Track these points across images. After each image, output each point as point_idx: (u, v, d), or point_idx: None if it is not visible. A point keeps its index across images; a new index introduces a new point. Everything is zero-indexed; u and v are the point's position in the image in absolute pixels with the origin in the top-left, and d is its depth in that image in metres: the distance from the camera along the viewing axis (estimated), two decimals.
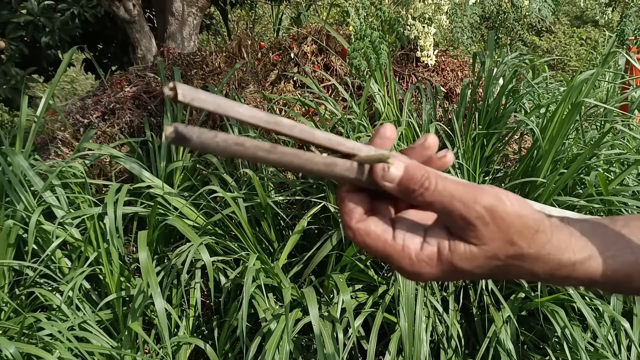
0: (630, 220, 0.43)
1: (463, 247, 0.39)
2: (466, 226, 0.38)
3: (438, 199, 0.38)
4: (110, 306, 2.02)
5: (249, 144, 0.34)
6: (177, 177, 2.42)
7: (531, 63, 2.96)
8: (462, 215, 0.38)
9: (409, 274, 0.40)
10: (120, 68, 4.62)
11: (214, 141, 0.33)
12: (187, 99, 0.32)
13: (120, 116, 2.76)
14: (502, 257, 0.39)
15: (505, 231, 0.38)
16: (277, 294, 2.05)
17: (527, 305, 1.92)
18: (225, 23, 5.47)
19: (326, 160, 0.38)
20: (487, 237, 0.38)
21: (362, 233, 0.40)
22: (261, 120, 0.36)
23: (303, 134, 0.38)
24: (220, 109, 0.34)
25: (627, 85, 3.13)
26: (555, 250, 0.39)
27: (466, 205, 0.38)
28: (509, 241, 0.38)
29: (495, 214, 0.38)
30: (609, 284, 0.41)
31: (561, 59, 5.98)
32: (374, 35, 1.62)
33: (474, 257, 0.39)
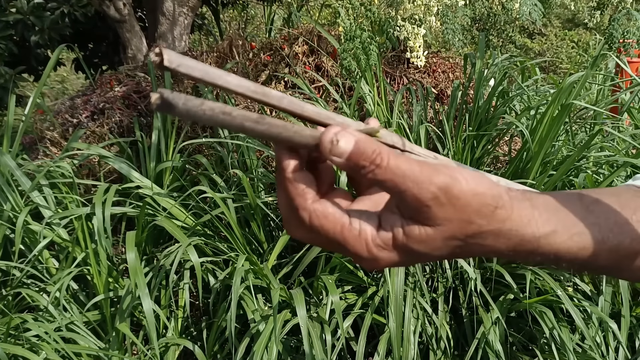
0: (600, 197, 0.41)
1: (418, 230, 0.37)
2: (420, 208, 0.36)
3: (389, 178, 0.36)
4: (98, 307, 2.01)
5: (236, 114, 0.33)
6: (166, 177, 2.41)
7: (522, 65, 2.97)
8: (415, 197, 0.36)
9: (366, 260, 0.39)
10: (111, 67, 4.60)
11: (201, 109, 0.32)
12: (174, 65, 0.32)
13: (110, 116, 2.74)
14: (461, 237, 0.37)
15: (461, 211, 0.36)
16: (266, 295, 2.04)
17: (515, 307, 1.92)
18: (217, 23, 5.46)
19: (315, 133, 0.37)
20: (442, 217, 0.36)
21: (320, 214, 0.38)
22: (248, 89, 0.35)
23: (292, 105, 0.37)
24: (208, 77, 0.33)
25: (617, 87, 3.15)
26: (517, 226, 0.37)
27: (419, 186, 0.35)
28: (466, 220, 0.36)
29: (450, 194, 0.36)
30: (575, 262, 0.39)
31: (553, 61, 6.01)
32: (364, 36, 1.62)
33: (431, 239, 0.37)
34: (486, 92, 2.48)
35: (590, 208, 0.39)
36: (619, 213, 0.40)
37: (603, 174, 2.22)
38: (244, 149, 2.31)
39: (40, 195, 2.02)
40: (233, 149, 2.38)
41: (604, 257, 0.39)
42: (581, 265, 0.40)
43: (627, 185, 0.45)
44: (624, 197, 0.42)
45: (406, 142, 0.43)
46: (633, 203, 0.41)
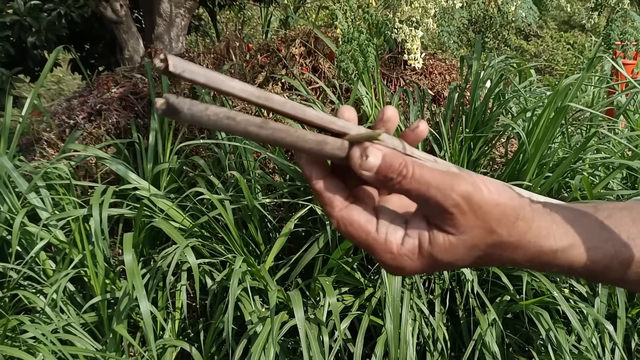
0: (614, 211, 0.42)
1: (442, 238, 0.38)
2: (443, 215, 0.38)
3: (415, 187, 0.38)
4: (95, 309, 2.01)
5: (240, 119, 0.34)
6: (163, 178, 2.40)
7: (518, 67, 2.98)
8: (438, 203, 0.37)
9: (391, 268, 0.40)
10: (107, 69, 4.59)
11: (205, 114, 0.32)
12: (178, 70, 0.32)
13: (107, 117, 2.74)
14: (482, 247, 0.39)
15: (482, 219, 0.37)
16: (263, 297, 2.04)
17: (512, 308, 1.93)
18: (213, 24, 5.46)
19: (317, 138, 0.37)
20: (464, 225, 0.38)
21: (346, 222, 0.40)
22: (252, 94, 0.35)
23: (294, 110, 0.38)
24: (212, 82, 0.34)
25: (613, 90, 3.16)
26: (536, 238, 0.39)
27: (443, 193, 0.37)
28: (488, 229, 0.38)
29: (472, 202, 0.37)
30: (588, 273, 0.41)
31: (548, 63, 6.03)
32: (362, 38, 1.62)
33: (454, 248, 0.38)
34: (482, 93, 2.49)
35: (604, 223, 0.41)
36: (631, 227, 0.41)
37: (599, 176, 2.23)
38: (241, 150, 2.31)
39: (38, 196, 2.02)
40: (230, 151, 2.38)
41: (615, 269, 0.40)
42: (594, 277, 0.41)
43: (637, 199, 0.46)
44: (635, 211, 0.43)
45: (406, 145, 0.43)
46: None
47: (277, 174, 2.64)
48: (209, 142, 2.35)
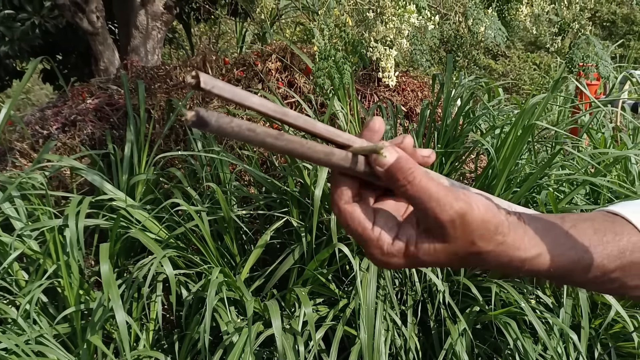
0: (578, 222, 0.48)
1: (428, 245, 0.44)
2: (437, 225, 0.43)
3: (417, 195, 0.42)
4: (67, 320, 1.99)
5: (259, 131, 0.38)
6: (139, 190, 2.41)
7: (487, 86, 3.08)
8: (436, 217, 0.42)
9: (378, 261, 0.45)
10: (80, 79, 4.56)
11: (230, 126, 0.36)
12: (208, 87, 0.36)
13: (82, 128, 2.74)
14: (462, 254, 0.44)
15: (468, 234, 0.43)
16: (238, 308, 2.06)
17: (481, 318, 1.99)
18: (188, 37, 5.48)
19: (325, 149, 0.42)
20: (452, 237, 0.43)
21: (347, 215, 0.44)
22: (270, 109, 0.39)
23: (306, 124, 0.42)
24: (237, 97, 0.37)
25: (577, 109, 3.29)
26: (509, 249, 0.44)
27: (441, 208, 0.42)
28: (470, 242, 0.43)
29: (464, 219, 0.42)
30: (552, 276, 0.46)
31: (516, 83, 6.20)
32: (338, 56, 1.68)
33: (437, 253, 0.44)
34: (453, 111, 2.57)
35: (569, 232, 0.46)
36: (592, 236, 0.47)
37: (564, 192, 2.32)
38: (217, 162, 2.33)
39: (12, 206, 2.01)
40: (207, 163, 2.40)
41: (578, 273, 0.46)
42: (558, 279, 0.47)
43: (599, 211, 0.52)
44: (597, 222, 0.49)
45: None
46: (603, 226, 0.48)
47: (252, 186, 2.67)
48: (186, 154, 2.37)
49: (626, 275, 0.47)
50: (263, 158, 2.78)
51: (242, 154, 2.63)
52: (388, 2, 1.60)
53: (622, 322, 1.91)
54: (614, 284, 0.47)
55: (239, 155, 2.66)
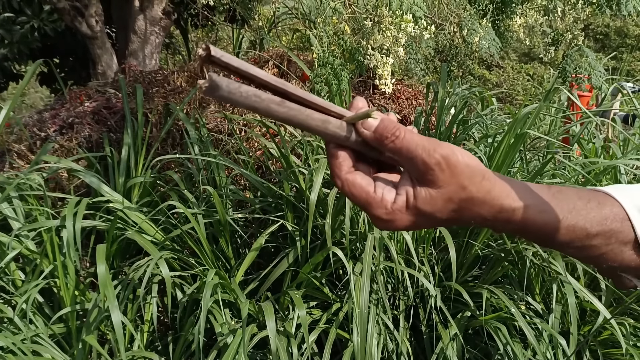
0: (563, 189, 0.52)
1: (424, 192, 0.47)
2: (426, 171, 0.46)
3: (405, 146, 0.46)
4: (62, 320, 2.01)
5: (264, 97, 0.41)
6: (135, 193, 2.43)
7: (480, 95, 3.13)
8: (423, 161, 0.46)
9: (384, 222, 0.48)
10: (77, 83, 4.58)
11: (238, 91, 0.39)
12: (218, 55, 0.39)
13: (79, 131, 2.76)
14: (456, 200, 0.47)
15: (457, 176, 0.46)
16: (233, 310, 2.08)
17: (472, 324, 2.02)
18: (185, 43, 5.51)
19: (322, 117, 0.45)
20: (443, 180, 0.47)
21: (350, 183, 0.48)
22: (272, 79, 0.43)
23: (304, 95, 0.46)
24: (243, 67, 0.41)
25: (569, 119, 3.34)
26: (498, 196, 0.48)
27: (427, 153, 0.46)
28: (461, 185, 0.47)
29: (449, 162, 0.46)
30: (539, 234, 0.49)
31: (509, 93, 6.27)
32: (336, 63, 1.71)
33: (433, 200, 0.47)
34: (447, 119, 2.61)
35: (555, 195, 0.50)
36: (576, 201, 0.50)
37: None
38: (213, 166, 2.36)
39: (10, 207, 2.03)
40: (203, 167, 2.43)
41: (563, 233, 0.49)
42: (544, 239, 0.49)
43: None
44: (582, 191, 0.52)
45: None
46: (587, 194, 0.51)
47: (247, 190, 2.70)
48: (183, 157, 2.40)
49: (607, 244, 0.49)
50: (259, 163, 2.81)
51: (239, 158, 2.65)
52: (385, 11, 1.63)
53: (611, 329, 1.95)
54: (594, 252, 0.50)
55: (235, 159, 2.69)
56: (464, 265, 2.18)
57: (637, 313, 2.09)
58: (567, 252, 0.51)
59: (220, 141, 2.80)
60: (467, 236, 2.15)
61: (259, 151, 2.84)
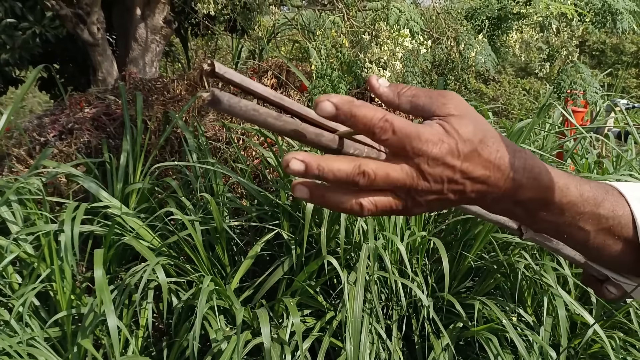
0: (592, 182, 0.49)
1: (453, 119, 0.42)
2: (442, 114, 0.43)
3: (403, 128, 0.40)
4: (58, 324, 2.02)
5: (262, 111, 0.44)
6: (132, 199, 2.45)
7: (477, 109, 3.16)
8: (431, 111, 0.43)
9: (439, 147, 0.41)
10: (76, 89, 4.61)
11: (238, 105, 0.42)
12: (222, 72, 0.42)
13: (79, 136, 2.78)
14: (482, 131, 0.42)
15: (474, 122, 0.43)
16: (227, 317, 2.10)
17: (464, 334, 2.04)
18: (185, 51, 5.55)
19: (316, 131, 0.48)
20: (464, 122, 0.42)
21: (396, 118, 0.40)
22: (271, 94, 0.46)
23: (300, 109, 0.48)
24: (244, 83, 0.44)
25: (563, 135, 3.38)
26: (506, 147, 0.43)
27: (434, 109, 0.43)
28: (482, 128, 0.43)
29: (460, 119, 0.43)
30: (564, 202, 0.45)
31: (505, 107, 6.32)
32: (334, 75, 1.75)
33: (465, 123, 0.42)
34: None
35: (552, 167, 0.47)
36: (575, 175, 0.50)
37: None
38: (211, 174, 2.38)
39: (9, 210, 2.05)
40: (201, 174, 2.46)
41: (572, 192, 0.45)
42: (558, 200, 0.45)
43: None
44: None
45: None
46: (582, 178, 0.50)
47: (244, 199, 2.72)
48: (181, 164, 2.42)
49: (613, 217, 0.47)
50: (256, 172, 2.84)
51: (236, 166, 2.68)
52: (383, 25, 1.67)
53: (601, 342, 1.97)
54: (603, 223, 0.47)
55: (233, 168, 2.72)
56: (456, 277, 2.20)
57: (627, 327, 2.12)
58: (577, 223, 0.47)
59: (218, 149, 2.83)
60: (461, 247, 2.18)
61: (256, 160, 2.87)
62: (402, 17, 1.65)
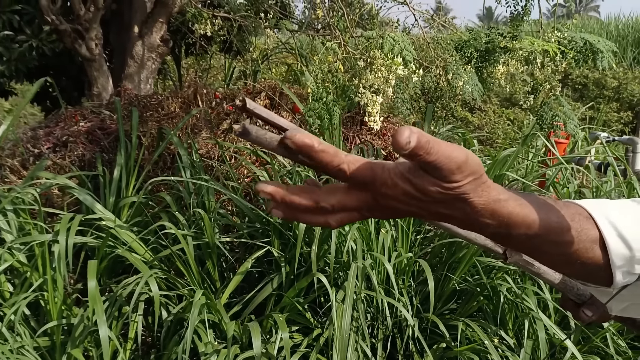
0: (528, 193, 0.55)
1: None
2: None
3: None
4: (47, 334, 2.04)
5: None
6: (124, 212, 2.49)
7: (463, 136, 3.26)
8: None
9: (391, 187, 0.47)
10: (68, 103, 4.64)
11: (264, 137, 0.49)
12: (251, 107, 0.48)
13: (73, 149, 2.82)
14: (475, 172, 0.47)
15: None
16: (216, 331, 2.13)
17: (447, 354, 2.09)
18: (177, 69, 5.62)
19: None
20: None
21: (353, 162, 0.47)
22: (291, 126, 0.52)
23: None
24: (270, 117, 0.50)
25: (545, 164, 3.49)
26: (488, 187, 0.48)
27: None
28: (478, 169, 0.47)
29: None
30: (521, 227, 0.51)
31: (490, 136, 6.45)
32: (329, 99, 1.82)
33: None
34: None
35: (525, 195, 0.53)
36: (546, 200, 0.54)
37: None
38: (204, 190, 2.43)
39: (4, 219, 2.07)
40: (194, 190, 2.50)
41: (541, 225, 0.51)
42: (525, 232, 0.51)
43: None
44: (543, 197, 0.56)
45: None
46: (550, 199, 0.55)
47: (235, 216, 2.77)
48: (176, 180, 2.47)
49: (579, 241, 0.52)
50: (246, 190, 2.89)
51: (228, 184, 2.73)
52: (378, 53, 1.75)
53: None
54: (569, 248, 0.53)
55: (225, 185, 2.77)
56: (441, 298, 2.26)
57: (604, 352, 2.18)
58: (544, 249, 0.54)
59: (211, 167, 2.88)
60: (446, 270, 2.25)
61: (247, 178, 2.92)
62: (396, 46, 1.74)
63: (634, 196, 2.69)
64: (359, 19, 3.02)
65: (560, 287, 0.66)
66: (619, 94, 8.72)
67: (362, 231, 2.20)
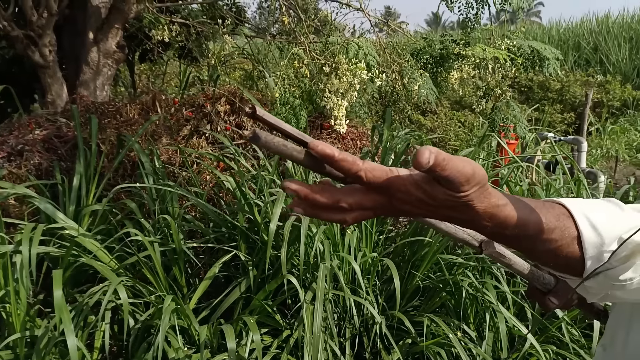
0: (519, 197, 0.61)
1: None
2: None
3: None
4: (10, 347, 1.99)
5: (289, 146, 0.53)
6: (85, 221, 2.45)
7: (419, 139, 3.36)
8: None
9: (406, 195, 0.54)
10: (15, 111, 4.50)
11: (272, 141, 0.52)
12: (261, 114, 0.52)
13: (29, 158, 2.75)
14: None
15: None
16: (185, 337, 2.13)
17: (414, 349, 2.16)
18: (131, 76, 5.54)
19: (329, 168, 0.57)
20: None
21: (370, 169, 0.52)
22: (296, 132, 0.55)
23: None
24: (277, 123, 0.53)
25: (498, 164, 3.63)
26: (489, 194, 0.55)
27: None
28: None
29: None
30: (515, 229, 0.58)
31: (443, 137, 6.62)
32: (296, 103, 1.86)
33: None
34: (391, 160, 2.80)
35: (517, 199, 0.60)
36: (534, 203, 0.61)
37: None
38: (168, 197, 2.42)
39: None
40: (158, 197, 2.49)
41: (532, 227, 0.59)
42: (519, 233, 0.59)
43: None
44: (532, 199, 0.63)
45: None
46: (538, 200, 0.63)
47: (199, 221, 2.76)
48: (140, 186, 2.45)
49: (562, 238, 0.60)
50: (209, 195, 2.89)
51: (191, 189, 2.73)
52: (343, 59, 1.80)
53: (537, 354, 2.13)
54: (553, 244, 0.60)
55: (188, 191, 2.76)
56: (405, 295, 2.33)
57: (560, 340, 2.30)
58: (533, 246, 0.61)
59: (173, 173, 2.87)
60: (409, 267, 2.31)
61: (210, 184, 2.92)
62: (361, 51, 1.79)
63: (582, 192, 2.83)
64: (317, 25, 3.08)
65: (529, 277, 0.72)
66: (562, 96, 9.10)
67: (327, 233, 2.24)
